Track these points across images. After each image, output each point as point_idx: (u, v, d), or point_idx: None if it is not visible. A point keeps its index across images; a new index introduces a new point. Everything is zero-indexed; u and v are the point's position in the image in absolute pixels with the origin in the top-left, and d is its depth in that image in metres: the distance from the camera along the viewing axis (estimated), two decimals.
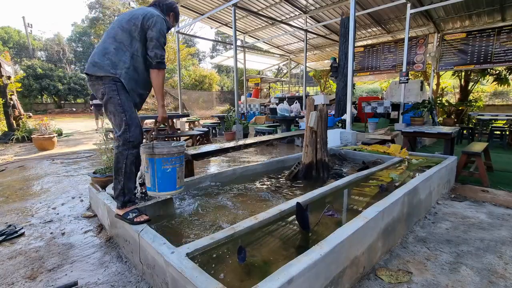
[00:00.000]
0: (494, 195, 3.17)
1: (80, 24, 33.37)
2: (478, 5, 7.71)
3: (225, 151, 3.59)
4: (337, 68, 7.27)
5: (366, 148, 4.21)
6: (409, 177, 2.91)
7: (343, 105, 6.51)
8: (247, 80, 15.11)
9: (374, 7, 8.01)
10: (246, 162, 4.94)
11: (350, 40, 5.15)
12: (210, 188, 2.79)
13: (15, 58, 26.92)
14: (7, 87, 7.73)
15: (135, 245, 1.72)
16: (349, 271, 1.54)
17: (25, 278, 1.73)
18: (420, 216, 2.53)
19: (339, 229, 1.57)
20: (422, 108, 6.83)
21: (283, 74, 24.58)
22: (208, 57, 34.91)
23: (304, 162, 3.19)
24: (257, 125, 8.43)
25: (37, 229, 2.40)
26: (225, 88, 26.35)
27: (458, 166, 3.65)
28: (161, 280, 1.45)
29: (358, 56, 10.16)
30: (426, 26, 9.37)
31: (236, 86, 8.16)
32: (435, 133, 4.13)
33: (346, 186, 2.66)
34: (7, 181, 3.95)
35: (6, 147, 7.00)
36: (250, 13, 9.60)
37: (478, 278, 1.67)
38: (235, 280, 1.31)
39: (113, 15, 28.04)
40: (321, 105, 3.20)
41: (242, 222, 1.73)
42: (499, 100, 16.01)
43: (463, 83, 10.26)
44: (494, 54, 7.77)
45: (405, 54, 6.96)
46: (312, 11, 9.80)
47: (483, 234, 2.23)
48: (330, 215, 2.01)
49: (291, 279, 1.14)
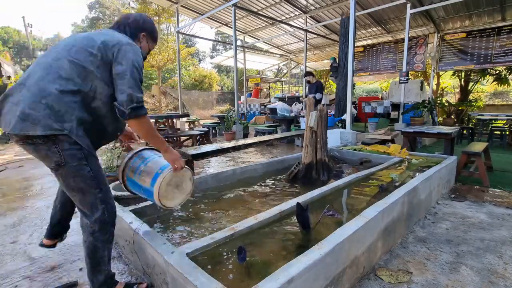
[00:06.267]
0: (494, 195, 3.17)
1: (80, 24, 33.38)
2: (478, 5, 7.71)
3: (225, 151, 3.59)
4: (337, 68, 7.26)
5: (366, 148, 4.21)
6: (409, 177, 2.91)
7: (343, 105, 6.51)
8: (247, 80, 15.10)
9: (374, 7, 8.01)
10: (246, 162, 4.94)
11: (350, 40, 5.15)
12: (210, 188, 2.79)
13: (15, 58, 26.92)
14: (7, 87, 7.73)
15: (135, 245, 1.72)
16: (349, 271, 1.54)
17: (25, 278, 1.73)
18: (420, 216, 2.53)
19: (339, 229, 1.57)
20: (422, 108, 6.83)
21: (283, 74, 24.57)
22: (208, 57, 34.90)
23: (304, 162, 3.19)
24: (257, 125, 8.42)
25: (37, 229, 2.40)
26: (225, 88, 26.35)
27: (458, 166, 3.65)
28: (161, 280, 1.45)
29: (358, 56, 10.16)
30: (426, 26, 9.37)
31: (236, 86, 8.16)
32: (435, 133, 4.13)
33: (346, 186, 2.66)
34: (7, 181, 3.95)
35: (6, 147, 7.00)
36: (250, 13, 9.61)
37: (478, 278, 1.67)
38: (235, 280, 1.31)
39: (113, 15, 28.04)
40: (321, 105, 3.20)
41: (242, 222, 1.73)
42: (499, 100, 16.01)
43: (463, 83, 10.26)
44: (494, 54, 7.77)
45: (405, 54, 6.97)
46: (312, 11, 9.80)
47: (483, 234, 2.23)
48: (330, 215, 2.01)
49: (291, 279, 1.14)
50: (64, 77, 1.26)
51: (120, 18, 1.59)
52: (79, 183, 1.30)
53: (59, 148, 1.23)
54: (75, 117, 1.26)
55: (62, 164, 1.25)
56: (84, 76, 1.29)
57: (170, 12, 16.43)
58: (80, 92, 1.28)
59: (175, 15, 10.11)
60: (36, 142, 1.22)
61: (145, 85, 23.42)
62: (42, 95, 1.21)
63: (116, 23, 1.57)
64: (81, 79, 1.29)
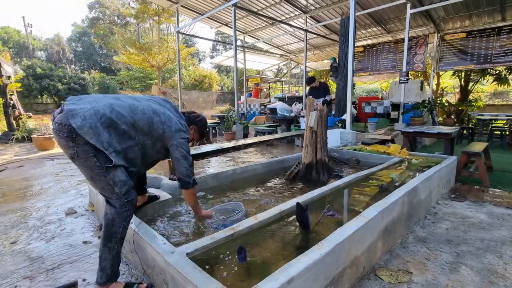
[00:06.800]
0: (494, 195, 3.18)
1: (80, 24, 33.39)
2: (478, 5, 7.71)
3: (225, 151, 3.59)
4: (337, 68, 7.27)
5: (366, 148, 4.21)
6: (409, 177, 2.91)
7: (343, 105, 6.51)
8: (247, 80, 15.10)
9: (374, 7, 8.01)
10: (246, 162, 4.94)
11: (350, 40, 5.15)
12: (209, 188, 2.79)
13: (15, 58, 26.93)
14: (7, 87, 7.73)
15: (135, 245, 1.72)
16: (349, 271, 1.54)
17: (25, 278, 1.73)
18: (420, 216, 2.53)
19: (339, 229, 1.57)
20: (422, 108, 6.83)
21: (283, 74, 24.57)
22: (208, 57, 34.94)
23: (304, 162, 3.19)
24: (257, 125, 8.42)
25: (37, 229, 2.40)
26: (225, 88, 26.34)
27: (458, 166, 3.65)
28: (161, 280, 1.45)
29: (358, 56, 10.16)
30: (426, 26, 9.37)
31: (236, 86, 8.17)
32: (435, 133, 4.13)
33: (346, 186, 2.66)
34: (7, 181, 3.95)
35: (6, 147, 7.00)
36: (250, 13, 9.61)
37: (478, 278, 1.67)
38: (235, 280, 1.31)
39: (113, 15, 28.05)
40: (321, 105, 3.20)
41: (242, 222, 1.73)
42: (499, 100, 16.00)
43: (463, 83, 10.26)
44: (494, 54, 7.77)
45: (405, 54, 6.96)
46: (312, 11, 9.80)
47: (483, 234, 2.23)
48: (330, 215, 2.01)
49: (291, 279, 1.14)
50: (134, 127, 1.58)
51: None
52: (89, 173, 1.46)
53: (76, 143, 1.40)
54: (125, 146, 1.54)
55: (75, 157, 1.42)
56: (146, 134, 1.66)
57: (170, 12, 16.44)
58: (135, 139, 1.61)
59: (175, 15, 10.11)
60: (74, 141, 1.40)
61: (144, 85, 23.47)
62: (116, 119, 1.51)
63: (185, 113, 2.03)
64: (142, 135, 1.64)
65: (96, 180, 1.46)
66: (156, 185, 2.69)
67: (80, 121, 1.37)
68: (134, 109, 1.57)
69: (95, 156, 1.41)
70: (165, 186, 2.57)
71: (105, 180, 1.45)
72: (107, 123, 1.44)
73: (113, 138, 1.46)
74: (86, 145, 1.39)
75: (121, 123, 1.49)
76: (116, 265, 1.53)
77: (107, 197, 1.50)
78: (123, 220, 1.49)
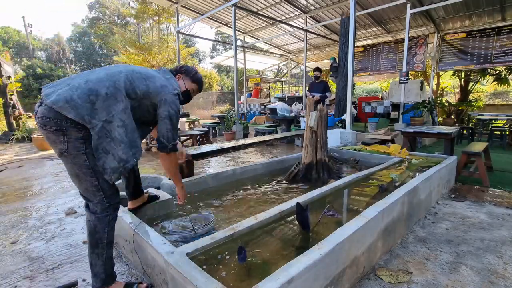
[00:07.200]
0: (494, 195, 3.18)
1: (80, 24, 33.37)
2: (478, 5, 7.71)
3: (225, 151, 3.59)
4: (337, 68, 7.27)
5: (366, 148, 4.21)
6: (409, 177, 2.91)
7: (343, 105, 6.51)
8: (247, 80, 15.10)
9: (374, 7, 8.01)
10: (246, 162, 4.94)
11: (350, 40, 5.15)
12: (209, 188, 2.79)
13: (15, 58, 26.92)
14: (7, 87, 7.74)
15: (135, 245, 1.72)
16: (349, 271, 1.54)
17: (25, 278, 1.73)
18: (420, 216, 2.53)
19: (339, 229, 1.57)
20: (422, 108, 6.83)
21: (283, 74, 24.57)
22: (208, 57, 34.89)
23: (304, 162, 3.19)
24: (257, 125, 8.42)
25: (37, 229, 2.40)
26: (225, 88, 26.36)
27: (458, 166, 3.65)
28: (161, 280, 1.45)
29: (358, 56, 10.16)
30: (426, 26, 9.37)
31: (236, 86, 8.17)
32: (435, 133, 4.13)
33: (346, 186, 2.66)
34: (7, 181, 3.95)
35: (6, 147, 7.00)
36: (250, 13, 9.61)
37: (478, 278, 1.67)
38: (235, 280, 1.31)
39: (113, 15, 28.04)
40: (321, 105, 3.20)
41: (242, 222, 1.72)
42: (499, 100, 16.00)
43: (463, 83, 10.26)
44: (494, 54, 7.77)
45: (405, 54, 6.96)
46: (312, 11, 9.80)
47: (483, 234, 2.23)
48: (330, 215, 2.01)
49: (291, 279, 1.14)
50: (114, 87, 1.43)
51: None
52: (75, 170, 1.38)
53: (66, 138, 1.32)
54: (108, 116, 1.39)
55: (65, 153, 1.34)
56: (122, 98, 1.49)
57: (170, 12, 16.43)
58: (121, 102, 1.47)
59: (175, 15, 10.11)
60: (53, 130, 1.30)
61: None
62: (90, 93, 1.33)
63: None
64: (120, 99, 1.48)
65: (82, 179, 1.39)
66: (156, 185, 2.69)
67: (55, 96, 1.27)
68: (111, 74, 1.44)
69: (85, 154, 1.34)
70: (165, 186, 2.57)
71: (91, 181, 1.38)
72: (84, 92, 1.30)
73: (97, 107, 1.31)
74: (77, 140, 1.32)
75: (101, 88, 1.35)
76: (109, 268, 1.49)
77: (89, 199, 1.43)
78: (106, 225, 1.43)
